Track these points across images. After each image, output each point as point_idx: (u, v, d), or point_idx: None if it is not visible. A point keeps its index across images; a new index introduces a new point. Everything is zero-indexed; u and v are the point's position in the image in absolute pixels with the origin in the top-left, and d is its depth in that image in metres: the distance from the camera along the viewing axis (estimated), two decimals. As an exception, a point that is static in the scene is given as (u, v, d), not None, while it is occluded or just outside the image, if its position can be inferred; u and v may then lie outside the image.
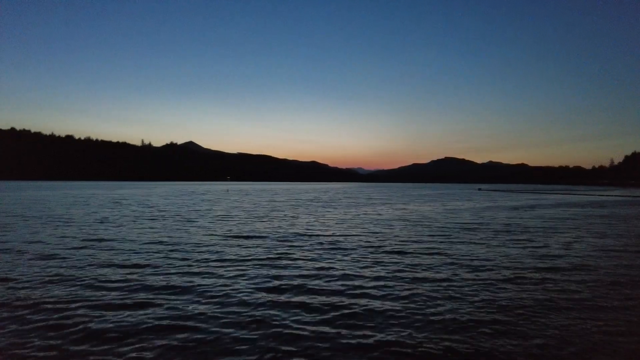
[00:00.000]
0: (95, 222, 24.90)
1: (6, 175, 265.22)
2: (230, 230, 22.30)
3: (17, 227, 22.13)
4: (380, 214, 34.16)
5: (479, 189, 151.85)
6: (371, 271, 12.68)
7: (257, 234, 20.66)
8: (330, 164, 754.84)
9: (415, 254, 15.91)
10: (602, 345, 7.30)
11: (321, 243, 18.05)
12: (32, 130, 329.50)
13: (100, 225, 23.68)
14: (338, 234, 21.30)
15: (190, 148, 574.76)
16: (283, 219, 28.64)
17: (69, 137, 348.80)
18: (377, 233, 21.70)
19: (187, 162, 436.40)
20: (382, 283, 11.28)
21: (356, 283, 11.26)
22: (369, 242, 18.62)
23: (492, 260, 14.82)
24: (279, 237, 19.94)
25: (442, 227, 25.02)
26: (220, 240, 18.64)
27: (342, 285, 11.05)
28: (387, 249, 16.85)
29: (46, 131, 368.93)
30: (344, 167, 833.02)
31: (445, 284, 11.39)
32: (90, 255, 14.37)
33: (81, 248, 15.93)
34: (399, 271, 12.74)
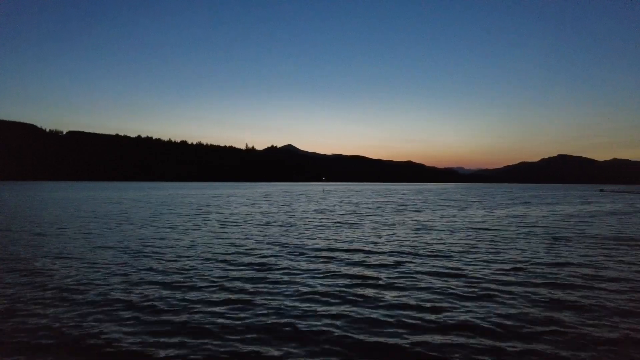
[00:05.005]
0: (162, 226, 24.64)
1: (131, 176, 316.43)
2: (319, 240, 19.06)
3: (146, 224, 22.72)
4: (485, 220, 27.48)
5: (601, 190, 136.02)
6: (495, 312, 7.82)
7: (346, 247, 16.83)
8: (427, 164, 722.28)
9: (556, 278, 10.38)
10: None
11: (435, 256, 13.39)
12: (154, 137, 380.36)
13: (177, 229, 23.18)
14: (439, 246, 16.20)
15: (289, 150, 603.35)
16: (380, 226, 24.43)
17: (184, 142, 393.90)
18: (488, 247, 15.99)
19: (286, 163, 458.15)
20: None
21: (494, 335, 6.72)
22: (480, 259, 13.28)
23: None
24: (383, 250, 15.80)
25: (565, 237, 18.14)
26: (304, 255, 15.31)
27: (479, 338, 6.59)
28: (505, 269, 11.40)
29: (165, 137, 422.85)
30: (441, 166, 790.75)
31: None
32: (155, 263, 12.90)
33: (146, 254, 14.70)
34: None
